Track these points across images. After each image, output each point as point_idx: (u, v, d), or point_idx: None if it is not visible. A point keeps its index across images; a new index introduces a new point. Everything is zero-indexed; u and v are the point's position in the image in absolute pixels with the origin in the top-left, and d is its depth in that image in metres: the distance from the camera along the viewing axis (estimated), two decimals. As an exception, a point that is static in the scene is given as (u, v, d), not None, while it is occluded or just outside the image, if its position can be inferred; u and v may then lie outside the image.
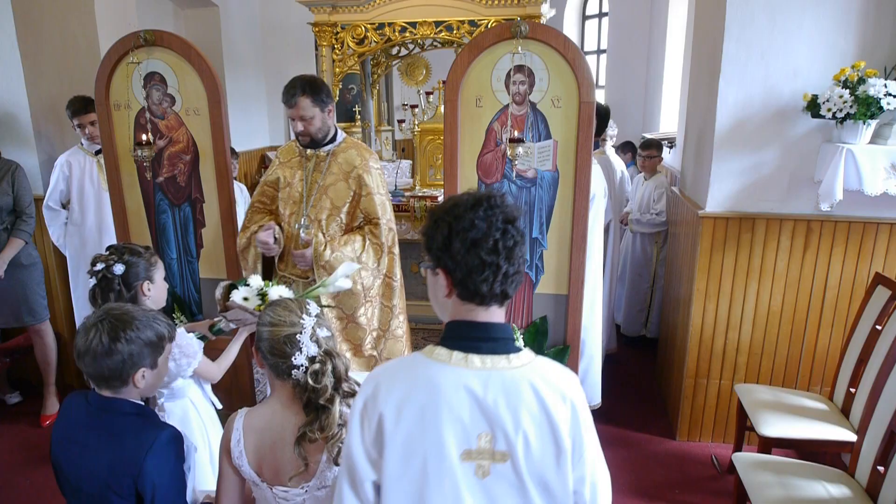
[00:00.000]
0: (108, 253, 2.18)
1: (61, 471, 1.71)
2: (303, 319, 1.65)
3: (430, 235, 1.32)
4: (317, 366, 1.63)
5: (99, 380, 1.68)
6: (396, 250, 2.92)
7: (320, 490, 1.66)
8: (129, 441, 1.65)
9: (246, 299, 2.51)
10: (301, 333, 1.64)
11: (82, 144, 3.79)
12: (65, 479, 1.72)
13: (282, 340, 1.63)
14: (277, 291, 2.53)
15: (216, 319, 2.58)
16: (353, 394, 1.68)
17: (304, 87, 2.69)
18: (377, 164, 2.90)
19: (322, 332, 1.67)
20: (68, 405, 1.77)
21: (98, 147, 3.76)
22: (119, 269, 2.12)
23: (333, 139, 2.88)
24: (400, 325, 3.01)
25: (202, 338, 2.51)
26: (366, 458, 1.29)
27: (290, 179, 2.90)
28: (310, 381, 1.62)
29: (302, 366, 1.63)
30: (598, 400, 3.49)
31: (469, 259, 1.26)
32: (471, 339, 1.30)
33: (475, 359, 1.28)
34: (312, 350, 1.64)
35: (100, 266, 2.13)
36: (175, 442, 1.71)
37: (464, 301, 1.31)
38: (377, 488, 1.31)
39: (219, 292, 2.59)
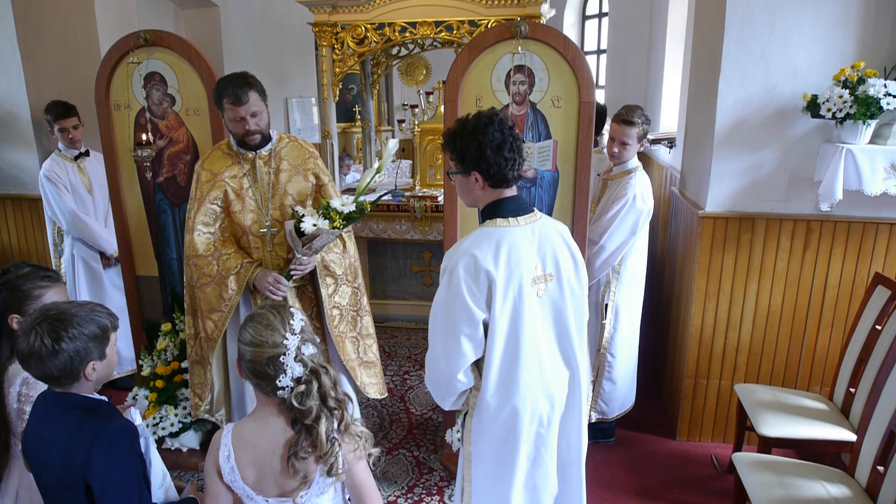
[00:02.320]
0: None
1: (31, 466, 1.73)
2: (286, 339, 1.57)
3: (462, 150, 1.90)
4: (302, 387, 1.57)
5: (49, 380, 1.66)
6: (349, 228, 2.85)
7: (319, 496, 1.63)
8: (75, 434, 1.62)
9: (315, 225, 2.52)
10: (285, 355, 1.56)
11: (60, 150, 3.73)
12: (35, 474, 1.72)
13: (264, 363, 1.56)
14: (336, 203, 2.55)
15: (296, 257, 2.58)
16: (340, 407, 1.63)
17: (249, 82, 2.52)
18: (315, 151, 2.86)
19: (307, 350, 1.60)
20: (35, 403, 1.77)
21: (77, 151, 3.72)
22: None
23: (270, 136, 2.76)
24: (366, 304, 2.99)
25: (287, 275, 2.63)
26: (477, 306, 1.87)
27: (238, 190, 2.71)
28: (294, 403, 1.56)
29: (287, 387, 1.57)
30: (632, 400, 3.49)
31: (497, 159, 1.86)
32: (512, 208, 1.95)
33: (520, 219, 1.95)
34: (297, 371, 1.57)
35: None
36: (124, 434, 1.65)
37: (495, 188, 1.94)
38: (483, 327, 1.90)
39: (291, 230, 2.55)
